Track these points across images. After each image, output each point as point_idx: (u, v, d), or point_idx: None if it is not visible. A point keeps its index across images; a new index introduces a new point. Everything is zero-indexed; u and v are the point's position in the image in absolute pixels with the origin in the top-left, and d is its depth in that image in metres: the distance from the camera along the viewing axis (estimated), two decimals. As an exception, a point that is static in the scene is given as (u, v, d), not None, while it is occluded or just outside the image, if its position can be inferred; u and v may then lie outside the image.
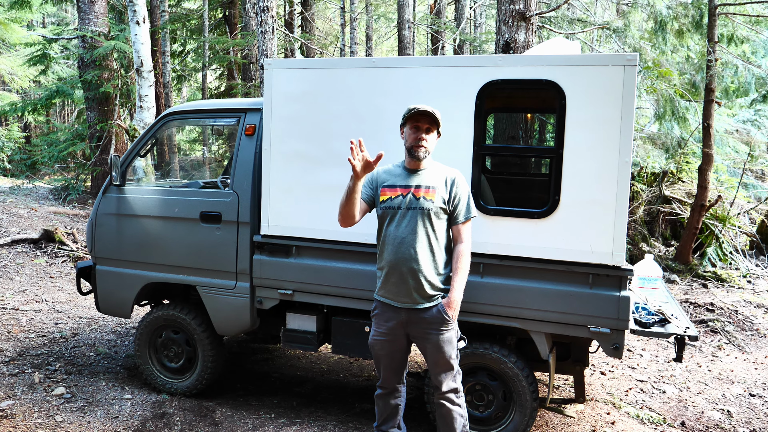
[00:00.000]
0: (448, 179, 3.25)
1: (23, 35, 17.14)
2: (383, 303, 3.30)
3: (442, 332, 3.21)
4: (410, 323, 3.24)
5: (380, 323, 3.32)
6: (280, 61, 4.13)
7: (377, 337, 3.34)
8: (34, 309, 6.58)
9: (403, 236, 3.17)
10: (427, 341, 3.24)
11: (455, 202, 3.23)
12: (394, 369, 3.41)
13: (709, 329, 6.82)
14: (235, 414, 4.36)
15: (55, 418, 4.18)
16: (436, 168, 3.30)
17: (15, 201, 11.28)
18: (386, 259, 3.22)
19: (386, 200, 3.24)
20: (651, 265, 4.52)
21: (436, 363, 3.28)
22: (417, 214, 3.17)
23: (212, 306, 4.35)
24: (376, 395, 3.52)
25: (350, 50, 16.59)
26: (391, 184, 3.27)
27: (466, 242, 3.24)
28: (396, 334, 3.29)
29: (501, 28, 7.12)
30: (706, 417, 4.70)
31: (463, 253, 3.21)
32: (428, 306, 3.20)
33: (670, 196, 9.93)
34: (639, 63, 5.28)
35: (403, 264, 3.16)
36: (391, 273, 3.21)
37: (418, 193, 3.20)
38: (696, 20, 9.03)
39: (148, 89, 9.29)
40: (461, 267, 3.19)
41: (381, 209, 3.27)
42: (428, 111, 3.15)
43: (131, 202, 4.54)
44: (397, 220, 3.20)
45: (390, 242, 3.21)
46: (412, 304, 3.20)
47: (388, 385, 3.45)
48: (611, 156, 3.41)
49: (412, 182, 3.23)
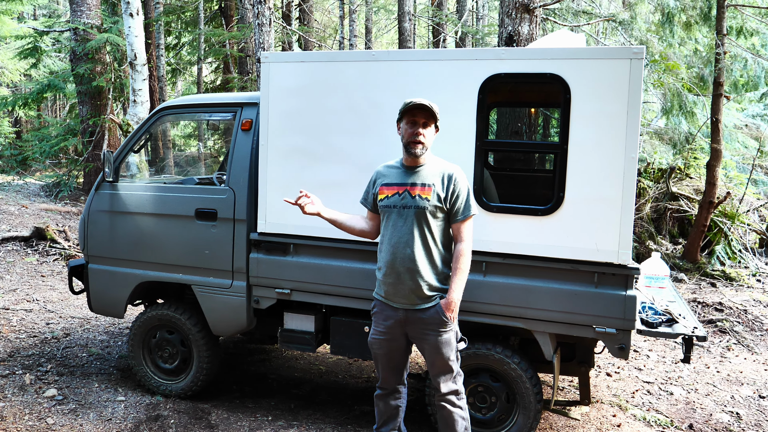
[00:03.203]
0: (445, 176, 3.16)
1: (14, 27, 17.03)
2: (382, 302, 3.26)
3: (440, 333, 3.15)
4: (408, 323, 3.19)
5: (379, 322, 3.28)
6: (277, 54, 4.08)
7: (376, 336, 3.30)
8: (24, 309, 6.50)
9: (400, 236, 3.12)
10: (425, 342, 3.18)
11: (453, 199, 3.13)
12: (392, 369, 3.35)
13: (717, 329, 6.72)
14: (231, 416, 4.28)
15: (47, 421, 4.11)
16: (435, 164, 3.21)
17: (5, 198, 11.24)
18: (383, 259, 3.19)
19: (384, 199, 3.21)
20: (658, 263, 4.46)
21: (434, 364, 3.22)
22: (413, 213, 3.11)
23: (208, 306, 4.28)
24: (375, 396, 3.46)
25: (349, 43, 16.47)
26: (388, 182, 3.22)
27: (466, 241, 3.15)
28: (394, 333, 3.24)
29: (504, 20, 7.01)
30: (714, 419, 4.61)
31: (462, 253, 3.12)
32: (426, 306, 3.14)
33: (678, 193, 9.79)
34: (646, 56, 5.19)
35: (400, 264, 3.11)
36: (388, 273, 3.16)
37: (413, 191, 3.13)
38: (704, 12, 8.92)
39: (142, 83, 9.20)
40: (460, 267, 3.11)
41: (380, 208, 3.24)
42: (424, 104, 3.07)
43: (124, 198, 4.47)
44: (394, 220, 3.16)
45: (387, 242, 3.18)
46: (410, 305, 3.15)
47: (387, 385, 3.39)
48: (617, 151, 3.35)
49: (409, 180, 3.17)
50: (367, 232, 3.38)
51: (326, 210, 3.35)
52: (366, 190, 3.38)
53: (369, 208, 3.36)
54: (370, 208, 3.35)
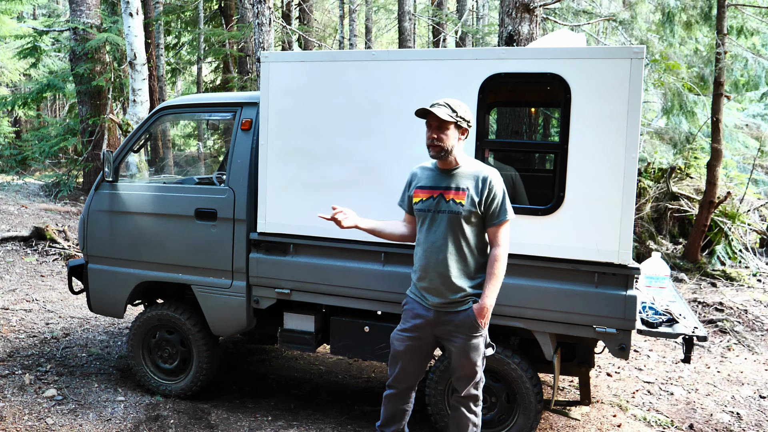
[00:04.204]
0: (479, 179, 3.09)
1: (13, 27, 16.96)
2: (414, 300, 3.22)
3: (470, 338, 3.11)
4: (439, 323, 3.15)
5: (407, 318, 3.23)
6: (277, 53, 4.07)
7: (401, 332, 3.24)
8: (24, 309, 6.48)
9: (433, 241, 3.10)
10: (454, 344, 3.14)
11: (488, 203, 3.07)
12: (411, 371, 3.28)
13: (718, 329, 6.71)
14: (231, 416, 4.27)
15: (46, 421, 4.10)
16: (470, 166, 3.15)
17: (5, 198, 11.21)
18: (418, 263, 3.18)
19: (419, 202, 3.17)
20: (658, 263, 4.45)
21: (460, 367, 3.17)
22: (446, 217, 3.07)
23: (207, 305, 4.27)
24: (385, 395, 3.39)
25: (349, 43, 16.46)
26: (423, 185, 3.19)
27: (502, 246, 3.10)
28: (421, 333, 3.19)
29: (504, 19, 7.00)
30: (714, 419, 4.60)
31: (497, 258, 3.07)
32: (458, 310, 3.11)
33: (678, 193, 9.78)
34: (646, 56, 5.18)
35: (433, 269, 3.09)
36: (422, 277, 3.14)
37: (447, 195, 3.09)
38: (704, 12, 8.90)
39: (142, 83, 9.17)
40: (495, 273, 3.06)
41: (415, 211, 3.21)
42: (427, 110, 3.04)
43: (124, 198, 4.46)
44: (428, 224, 3.13)
45: (421, 246, 3.16)
46: (442, 307, 3.12)
47: (399, 385, 3.31)
48: (617, 151, 3.34)
49: (443, 183, 3.13)
50: (407, 236, 3.35)
51: (363, 221, 3.31)
52: (403, 192, 3.35)
53: (406, 210, 3.34)
54: (407, 210, 3.33)
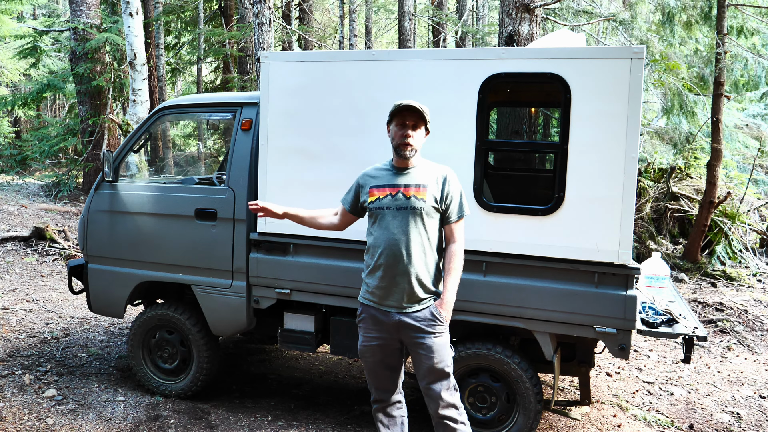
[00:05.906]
0: (439, 177, 3.10)
1: (13, 27, 16.94)
2: (371, 307, 3.12)
3: (435, 335, 3.03)
4: (401, 326, 3.05)
5: (369, 328, 3.14)
6: (277, 53, 4.07)
7: (366, 343, 3.15)
8: (24, 309, 6.49)
9: (394, 237, 3.02)
10: (420, 346, 3.04)
11: (448, 200, 3.09)
12: (388, 377, 3.19)
13: (718, 329, 6.71)
14: (230, 416, 4.27)
15: (46, 421, 4.10)
16: (426, 165, 3.15)
17: (5, 198, 11.21)
18: (376, 261, 3.07)
19: (374, 200, 3.10)
20: (658, 263, 4.44)
21: (431, 371, 3.04)
22: (408, 214, 3.03)
23: (207, 305, 4.27)
24: (374, 410, 3.28)
25: (349, 43, 16.46)
26: (378, 184, 3.13)
27: (459, 241, 3.10)
28: (387, 336, 3.10)
29: (504, 19, 7.00)
30: (715, 420, 4.60)
31: (456, 253, 3.07)
32: (419, 308, 3.04)
33: (678, 193, 9.78)
34: (646, 56, 5.18)
35: (395, 266, 3.01)
36: (382, 276, 3.05)
37: (408, 192, 3.05)
38: (705, 12, 8.90)
39: (142, 83, 9.17)
40: (455, 267, 3.05)
41: (370, 210, 3.13)
42: (413, 106, 3.02)
43: (124, 198, 4.46)
44: (388, 221, 3.05)
45: (380, 244, 3.05)
46: (402, 308, 3.03)
47: (384, 396, 3.23)
48: (617, 151, 3.34)
49: (401, 181, 3.09)
50: (336, 225, 3.35)
51: (291, 209, 3.35)
52: (349, 190, 3.28)
53: (347, 207, 3.27)
54: (348, 207, 3.26)
